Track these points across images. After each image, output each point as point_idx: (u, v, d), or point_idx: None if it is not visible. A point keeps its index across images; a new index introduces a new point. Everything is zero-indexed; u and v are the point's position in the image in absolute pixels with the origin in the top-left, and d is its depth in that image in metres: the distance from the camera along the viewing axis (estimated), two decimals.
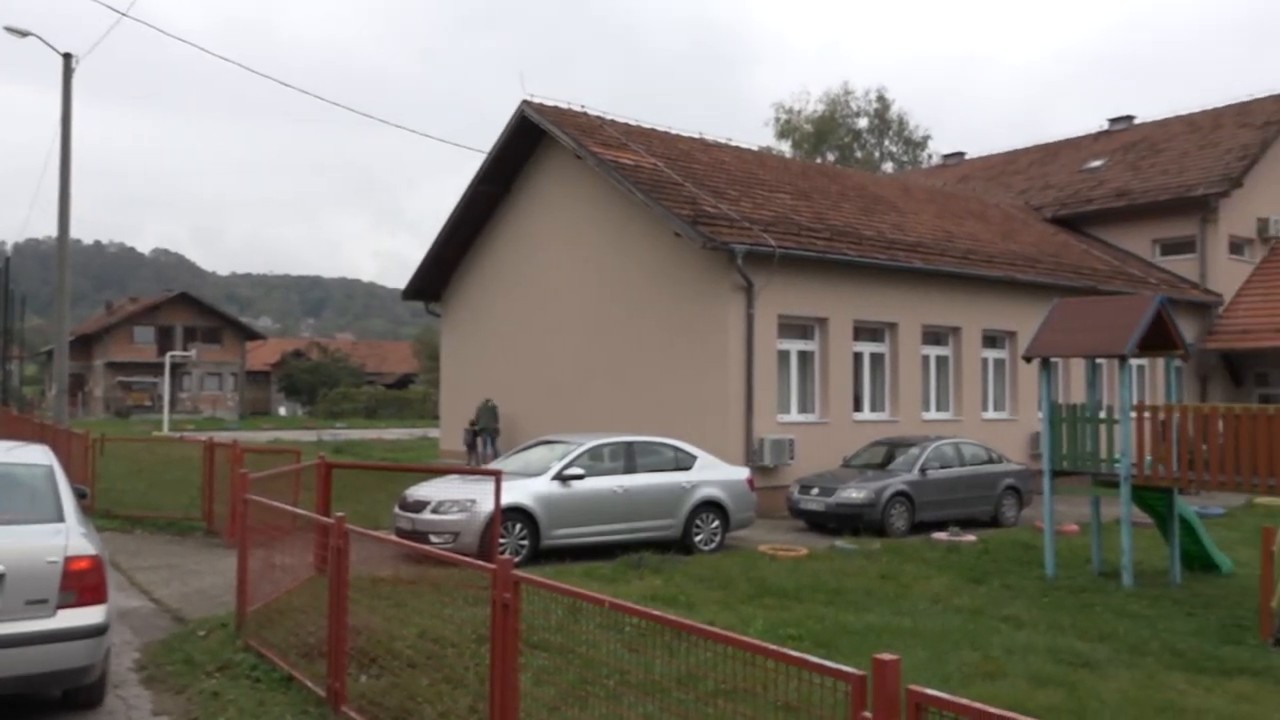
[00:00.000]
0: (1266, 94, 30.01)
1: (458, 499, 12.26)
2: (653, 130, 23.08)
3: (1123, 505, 11.80)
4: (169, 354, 52.69)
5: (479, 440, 23.23)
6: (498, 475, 10.90)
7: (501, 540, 11.79)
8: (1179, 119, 31.58)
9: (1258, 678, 7.80)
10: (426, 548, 6.83)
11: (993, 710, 2.71)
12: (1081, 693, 7.18)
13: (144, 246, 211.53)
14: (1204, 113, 31.04)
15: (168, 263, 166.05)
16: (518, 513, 12.25)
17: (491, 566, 5.06)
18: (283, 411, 72.29)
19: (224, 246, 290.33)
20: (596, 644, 5.16)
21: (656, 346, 19.01)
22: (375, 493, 16.01)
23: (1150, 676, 7.73)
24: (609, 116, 22.61)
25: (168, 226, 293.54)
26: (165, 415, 46.50)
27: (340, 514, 6.70)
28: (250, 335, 72.96)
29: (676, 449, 14.07)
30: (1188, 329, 24.71)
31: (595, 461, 13.37)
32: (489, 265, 24.11)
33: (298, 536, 8.18)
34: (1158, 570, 12.48)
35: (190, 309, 67.85)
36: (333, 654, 6.48)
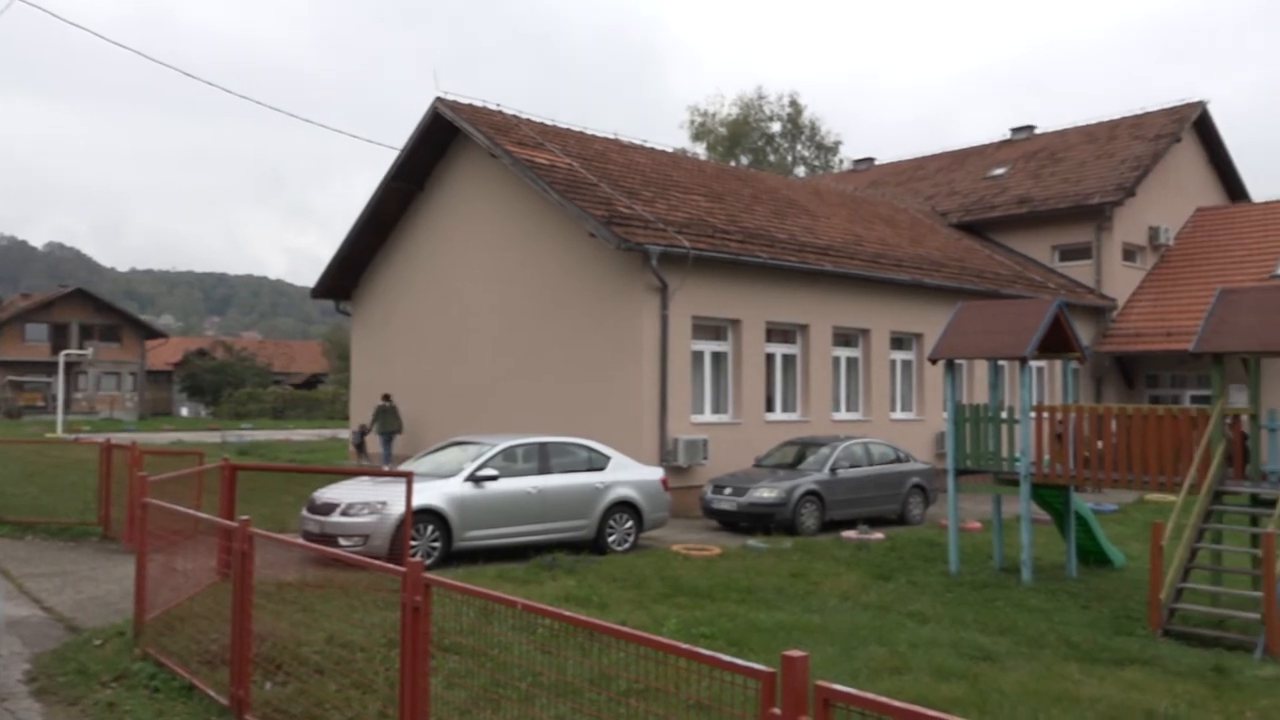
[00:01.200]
0: (1158, 108, 31.34)
1: (368, 501, 12.05)
2: (568, 130, 23.04)
3: (1022, 503, 12.19)
4: (63, 353, 50.71)
5: (381, 441, 23.15)
6: (409, 477, 10.74)
7: (413, 543, 11.63)
8: (1077, 130, 32.75)
9: (1147, 667, 8.14)
10: (335, 551, 6.70)
11: (897, 704, 2.77)
12: (983, 685, 7.39)
13: (37, 240, 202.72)
14: (1100, 124, 32.25)
15: (63, 257, 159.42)
16: (430, 514, 12.10)
17: (402, 569, 4.99)
18: (185, 412, 70.14)
19: (124, 241, 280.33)
20: (509, 646, 5.13)
21: (571, 347, 18.98)
22: (282, 495, 15.64)
23: (1047, 668, 8.00)
24: (524, 116, 22.49)
25: (63, 220, 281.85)
26: (59, 416, 44.85)
27: (245, 517, 6.53)
28: (151, 334, 70.51)
29: (590, 449, 14.07)
30: (1084, 332, 25.66)
31: (509, 462, 13.28)
32: (401, 264, 23.77)
33: (200, 541, 7.95)
34: (1055, 565, 12.92)
35: (87, 306, 65.27)
36: (236, 661, 6.30)
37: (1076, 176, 29.60)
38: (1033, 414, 12.40)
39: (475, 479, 12.67)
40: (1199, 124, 30.74)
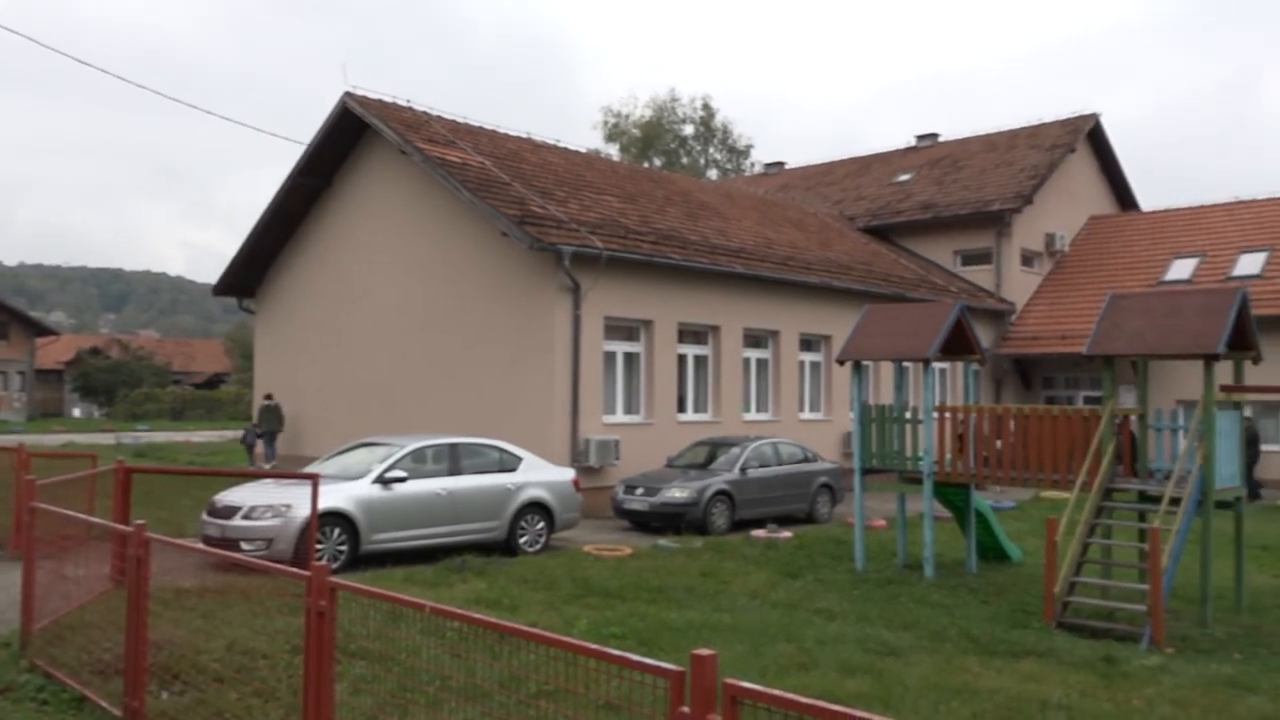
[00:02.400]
0: (1054, 119, 32.50)
1: (271, 504, 11.76)
2: (480, 129, 22.84)
3: (925, 501, 12.52)
4: None
5: (264, 440, 23.30)
6: (315, 479, 10.53)
7: (319, 546, 11.39)
8: (979, 138, 33.75)
9: (1042, 658, 8.43)
10: (236, 555, 6.53)
11: (803, 700, 2.82)
12: (887, 679, 7.57)
13: None
14: (1000, 134, 33.30)
15: None
16: (336, 517, 11.86)
17: (306, 573, 4.88)
18: (77, 413, 67.41)
19: (11, 235, 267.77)
20: (417, 650, 5.06)
21: (481, 347, 18.82)
22: (181, 499, 15.19)
23: (949, 661, 8.22)
24: (435, 113, 22.22)
25: None
26: None
27: (140, 522, 6.31)
28: (41, 331, 67.53)
29: (502, 450, 13.97)
30: (984, 335, 26.46)
31: (418, 464, 13.11)
32: (308, 261, 23.25)
33: (93, 547, 7.65)
34: (956, 561, 13.29)
35: None
36: (130, 671, 6.09)
37: (978, 184, 30.51)
38: (935, 414, 12.74)
39: (383, 481, 12.47)
40: (1092, 135, 31.98)
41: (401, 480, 12.59)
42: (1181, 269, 27.41)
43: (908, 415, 13.24)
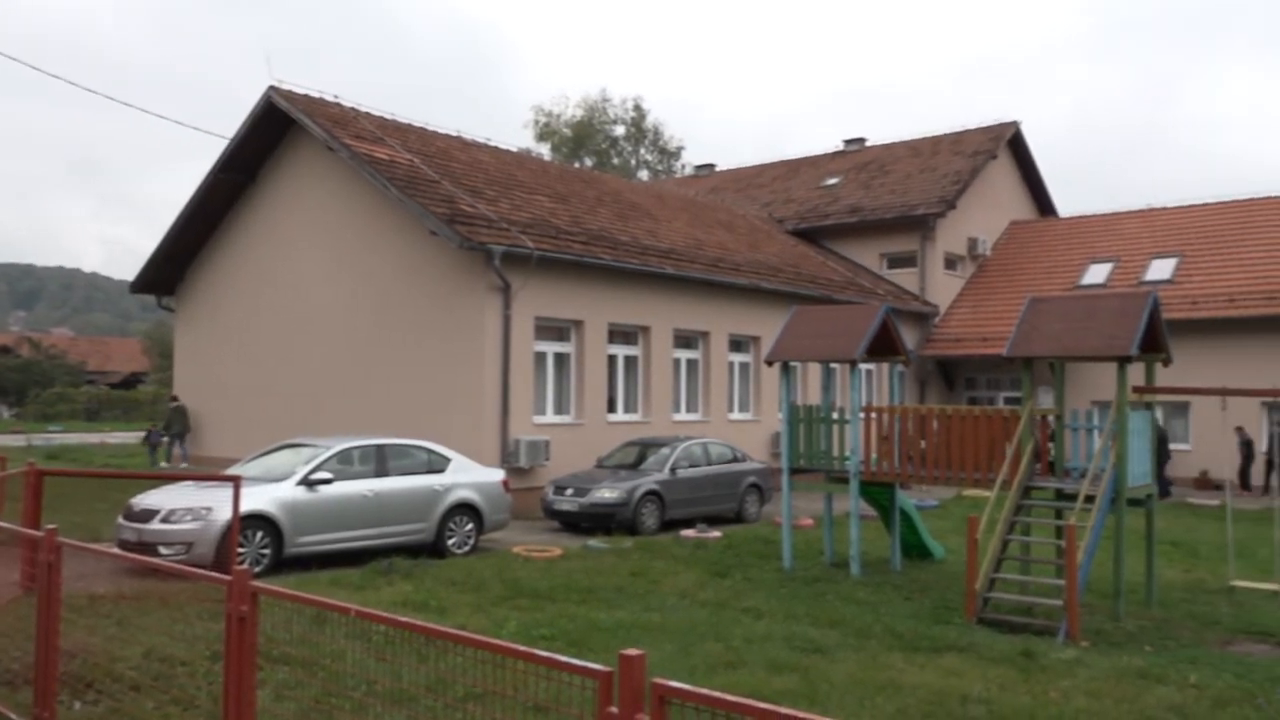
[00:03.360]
0: (976, 126, 33.27)
1: (191, 507, 11.47)
2: (409, 126, 22.57)
3: (852, 500, 12.71)
4: None
5: (172, 442, 23.41)
6: (236, 481, 10.29)
7: (241, 550, 11.14)
8: (904, 144, 34.39)
9: (963, 653, 8.62)
10: (154, 560, 6.35)
11: (730, 698, 2.84)
12: (814, 676, 7.67)
13: None
14: (925, 139, 33.97)
15: None
16: (259, 520, 11.61)
17: (226, 578, 4.77)
18: None
19: None
20: (342, 654, 4.98)
21: (410, 347, 18.60)
22: (96, 502, 14.76)
23: (873, 658, 8.36)
24: (364, 109, 21.91)
25: None
26: None
27: (51, 526, 6.10)
28: None
29: (430, 451, 13.83)
30: (909, 337, 26.97)
31: (344, 465, 12.90)
32: (230, 258, 22.73)
33: (1, 553, 7.38)
34: (881, 559, 13.52)
35: None
36: (40, 680, 5.88)
37: (903, 189, 31.09)
38: (862, 414, 12.94)
39: (308, 482, 12.25)
40: (1013, 143, 32.81)
41: (327, 482, 12.38)
42: (1097, 274, 28.27)
43: (834, 416, 13.42)
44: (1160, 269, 27.27)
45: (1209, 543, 15.38)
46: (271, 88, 20.47)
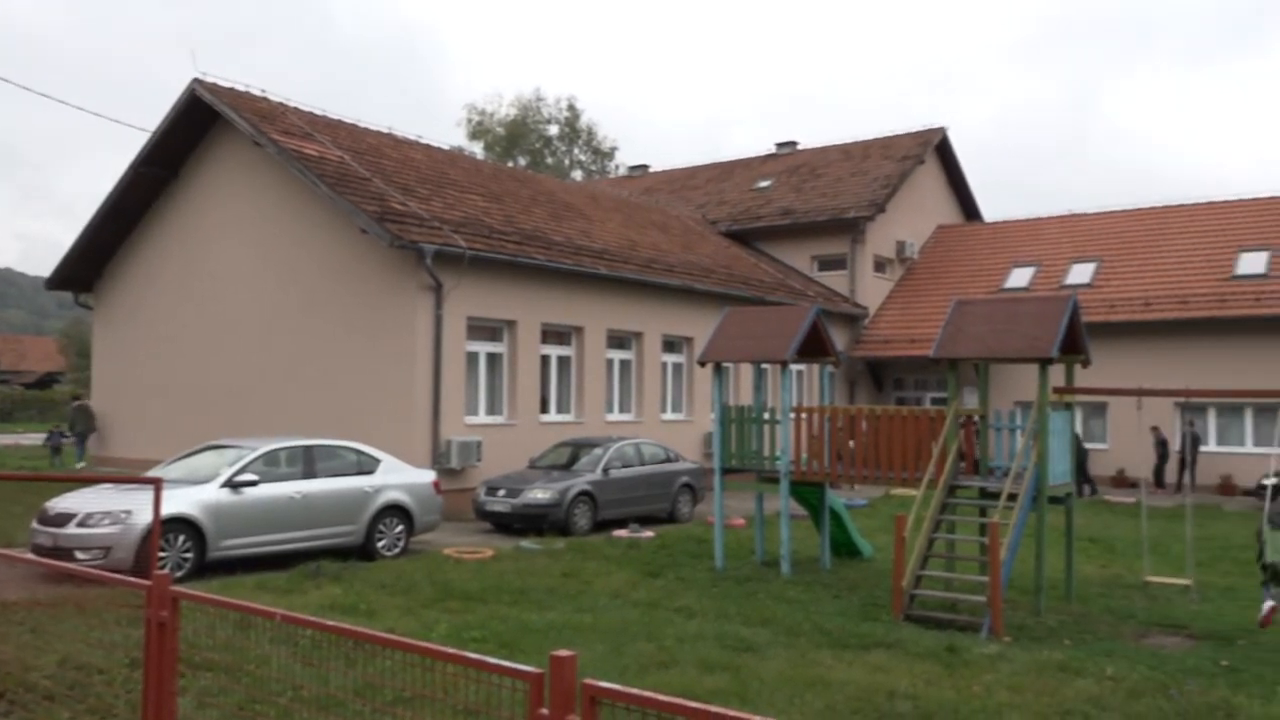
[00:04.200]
0: (905, 132, 33.87)
1: (110, 510, 11.16)
2: (339, 122, 22.23)
3: (782, 499, 12.85)
4: None
5: (75, 441, 23.29)
6: (157, 483, 10.03)
7: (161, 554, 10.87)
8: (836, 148, 34.87)
9: (890, 650, 8.77)
10: (70, 565, 6.16)
11: (660, 698, 2.86)
12: (744, 675, 7.73)
13: None
14: (856, 144, 34.49)
15: None
16: (181, 523, 11.34)
17: (146, 583, 4.65)
18: None
19: None
20: (267, 660, 4.89)
21: (340, 347, 18.31)
22: (10, 505, 14.31)
23: (803, 655, 8.47)
24: (292, 104, 21.52)
25: None
26: None
27: None
28: None
29: (359, 452, 13.63)
30: (839, 338, 27.33)
31: (271, 467, 12.66)
32: (151, 255, 22.14)
33: None
34: (811, 558, 13.69)
35: None
36: None
37: (834, 192, 31.51)
38: (792, 415, 13.09)
39: (233, 485, 11.99)
40: (940, 148, 33.47)
41: (253, 484, 12.14)
42: (1020, 277, 28.98)
43: (766, 416, 13.55)
44: (1080, 273, 28.06)
45: (1125, 539, 15.86)
46: (196, 80, 20.00)
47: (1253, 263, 25.75)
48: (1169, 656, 8.96)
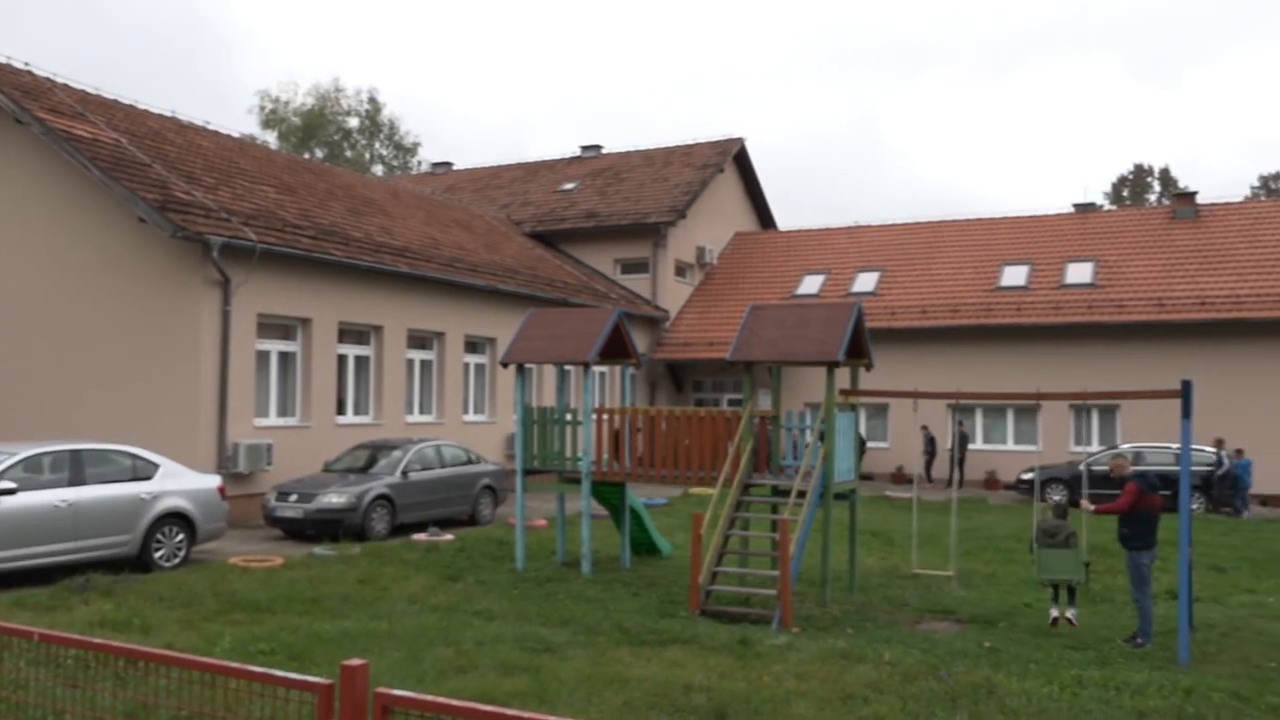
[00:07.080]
0: (705, 140, 34.90)
1: None
2: (115, 102, 20.73)
3: (584, 500, 12.96)
4: None
5: None
6: None
7: None
8: (639, 153, 35.50)
9: (687, 645, 9.01)
10: None
11: (455, 703, 2.83)
12: (544, 676, 7.75)
13: None
14: (659, 150, 35.23)
15: None
16: None
17: None
18: None
19: None
20: (25, 684, 4.50)
21: (115, 344, 17.05)
22: None
23: (602, 654, 8.57)
24: (61, 80, 19.88)
25: None
26: None
27: None
28: None
29: (135, 457, 12.75)
30: (640, 340, 27.85)
31: (32, 473, 11.64)
32: None
33: None
34: (612, 557, 13.87)
35: None
36: None
37: (637, 196, 32.07)
38: (594, 416, 13.23)
39: None
40: (738, 158, 34.68)
41: (10, 492, 11.14)
42: (811, 284, 30.41)
43: (568, 417, 13.64)
44: (865, 281, 29.73)
45: (902, 532, 16.90)
46: None
47: (1015, 275, 28.06)
48: (939, 640, 9.64)
